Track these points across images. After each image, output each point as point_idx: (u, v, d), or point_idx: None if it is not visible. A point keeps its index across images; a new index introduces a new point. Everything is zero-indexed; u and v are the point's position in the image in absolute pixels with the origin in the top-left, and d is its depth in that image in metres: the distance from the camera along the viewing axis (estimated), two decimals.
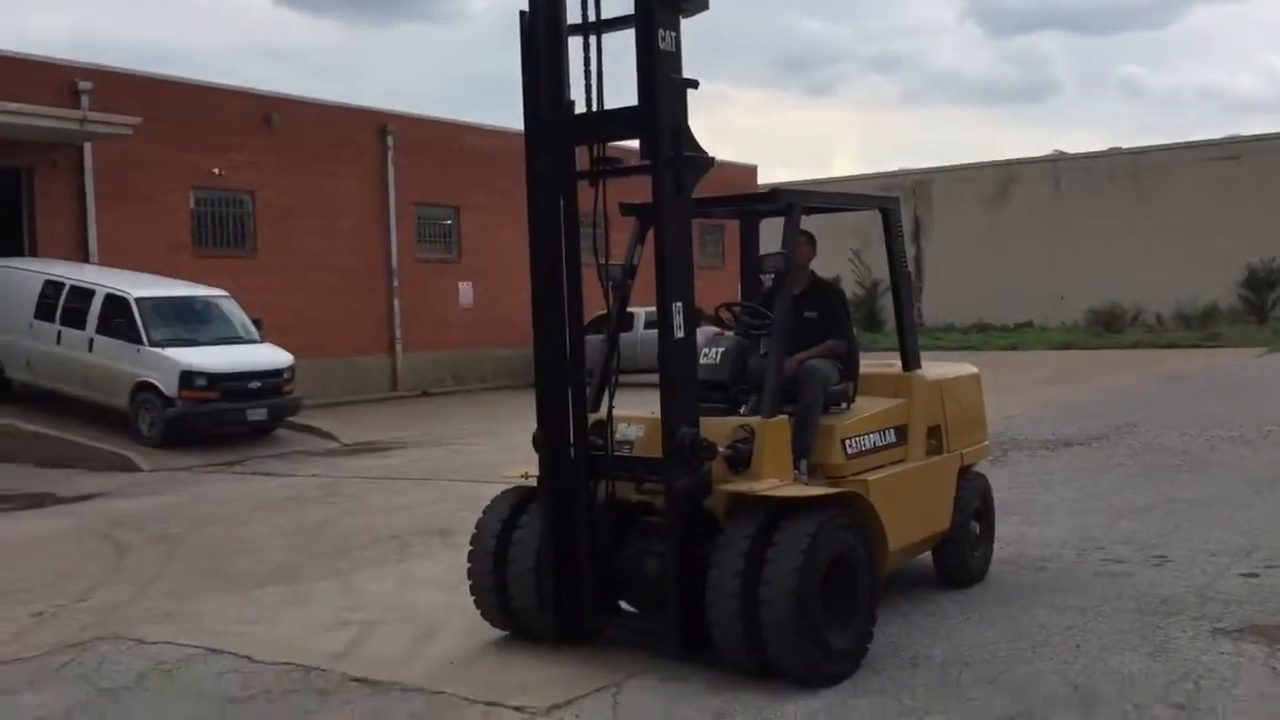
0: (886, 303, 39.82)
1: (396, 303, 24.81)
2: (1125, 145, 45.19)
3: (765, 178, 38.31)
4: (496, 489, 6.49)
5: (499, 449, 14.79)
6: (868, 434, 6.28)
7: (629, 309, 6.98)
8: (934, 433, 6.79)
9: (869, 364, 6.88)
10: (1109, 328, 39.02)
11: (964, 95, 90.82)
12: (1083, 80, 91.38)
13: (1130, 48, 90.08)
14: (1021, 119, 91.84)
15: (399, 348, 24.91)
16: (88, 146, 19.14)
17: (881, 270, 40.53)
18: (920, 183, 46.85)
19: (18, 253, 18.45)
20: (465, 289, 26.48)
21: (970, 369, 7.60)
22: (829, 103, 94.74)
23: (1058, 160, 45.44)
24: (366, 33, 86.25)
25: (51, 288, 16.48)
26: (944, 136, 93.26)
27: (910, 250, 41.56)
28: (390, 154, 24.64)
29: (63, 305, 16.26)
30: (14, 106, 16.95)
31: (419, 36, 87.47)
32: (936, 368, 7.28)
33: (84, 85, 19.20)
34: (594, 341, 5.87)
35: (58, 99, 18.63)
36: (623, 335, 6.64)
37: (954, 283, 43.77)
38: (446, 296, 26.07)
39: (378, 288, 24.53)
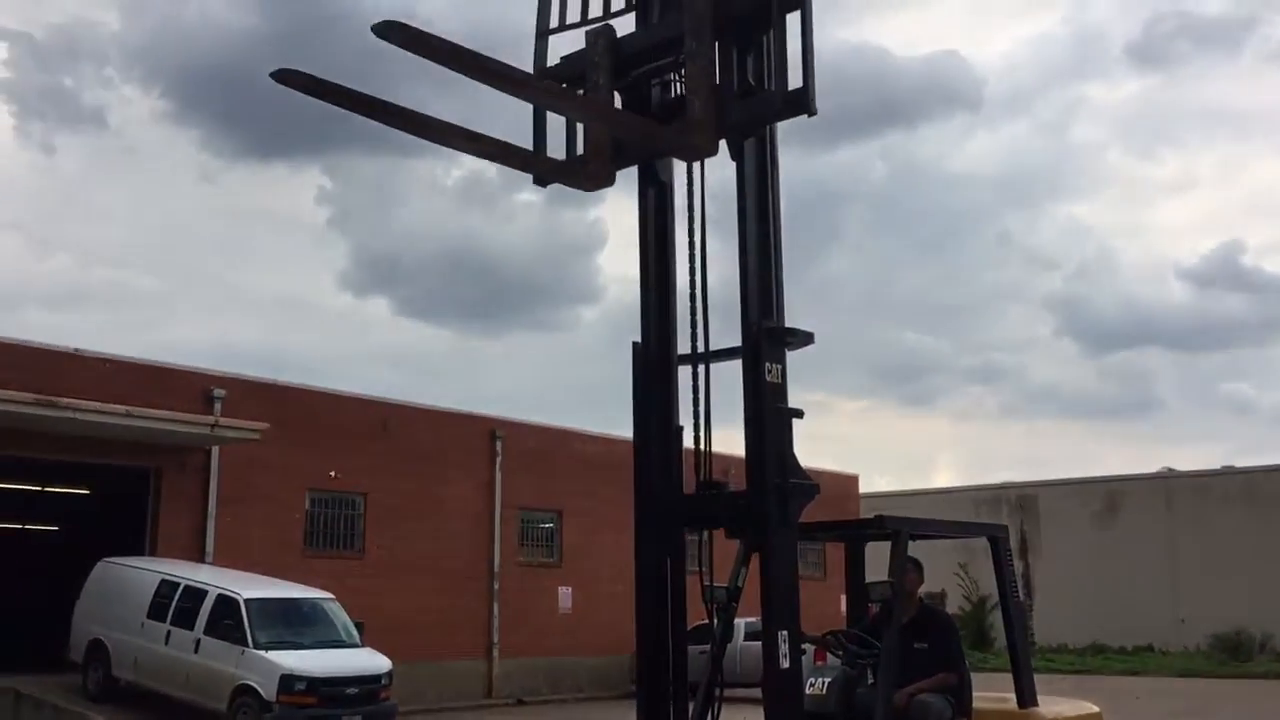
0: (996, 619, 38.46)
1: (496, 606, 24.78)
2: (1239, 464, 44.25)
3: (866, 486, 38.22)
4: None
5: None
6: None
7: None
8: None
9: (982, 696, 6.65)
10: (1235, 655, 36.86)
11: (1065, 409, 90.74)
12: (1187, 396, 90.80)
13: (1233, 365, 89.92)
14: (1125, 434, 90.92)
15: (496, 653, 24.65)
16: (215, 450, 20.12)
17: (989, 585, 39.48)
18: (1025, 496, 46.11)
19: (138, 551, 19.10)
20: (565, 594, 26.39)
21: (1092, 708, 7.27)
22: (928, 413, 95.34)
23: (1168, 477, 44.53)
24: (480, 341, 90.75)
25: (167, 587, 16.88)
26: (1047, 449, 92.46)
27: (1018, 566, 40.38)
28: (499, 459, 25.31)
29: (175, 605, 16.58)
30: (152, 412, 18.05)
31: (530, 344, 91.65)
32: (1055, 705, 6.99)
33: (218, 392, 20.39)
34: (693, 652, 5.81)
35: (192, 405, 19.78)
36: None
37: (1065, 601, 42.13)
38: (546, 601, 25.97)
39: (478, 590, 24.60)
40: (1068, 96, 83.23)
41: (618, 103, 6.05)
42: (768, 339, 5.74)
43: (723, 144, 5.71)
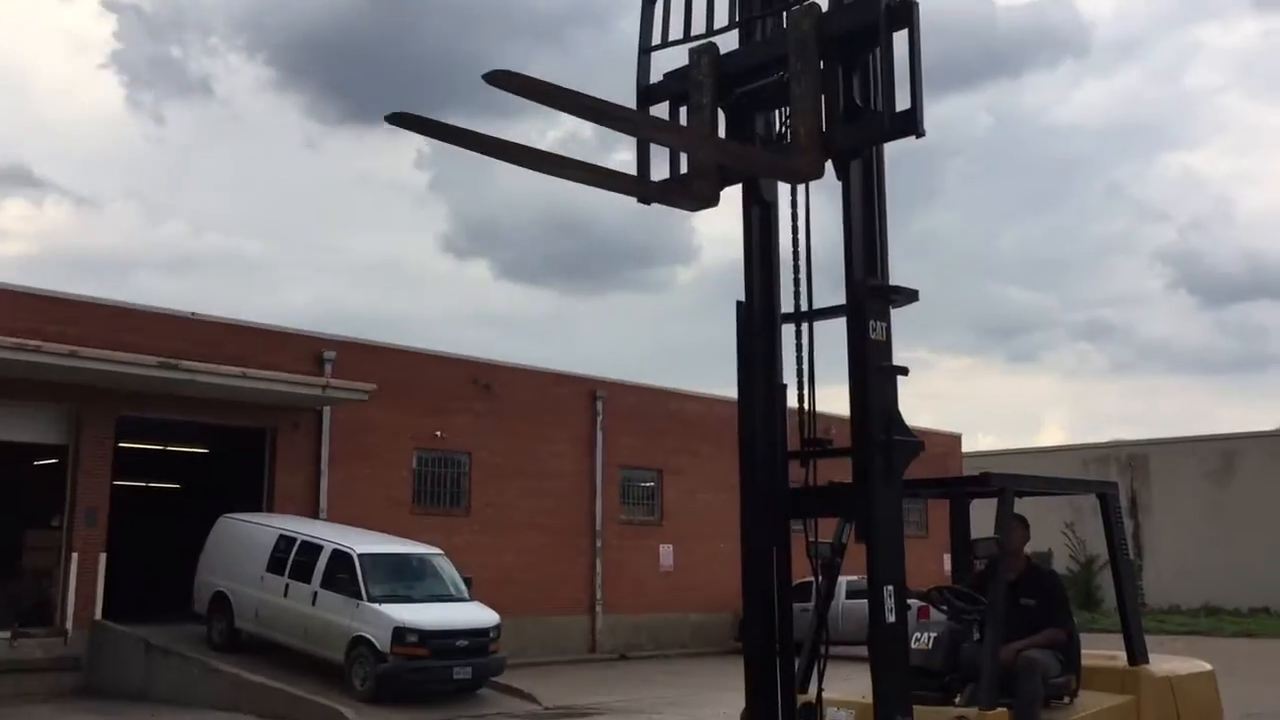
0: (1103, 580, 37.86)
1: (599, 564, 25.15)
2: None
3: (969, 446, 37.75)
4: None
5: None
6: None
7: None
8: None
9: (1090, 654, 6.62)
10: None
11: (1177, 365, 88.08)
12: None
13: None
14: (1241, 390, 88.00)
15: (599, 609, 25.06)
16: (327, 409, 20.72)
17: (1096, 545, 38.75)
18: (1136, 455, 45.04)
19: (257, 507, 19.82)
20: (666, 551, 26.66)
21: (1204, 665, 7.17)
22: (1034, 370, 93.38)
23: None
24: (579, 301, 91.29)
25: (284, 542, 17.50)
26: (1158, 407, 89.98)
27: (1128, 526, 39.59)
28: (599, 418, 25.59)
29: (293, 559, 17.19)
30: (269, 374, 18.67)
31: (629, 305, 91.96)
32: (1166, 662, 6.92)
33: (328, 354, 20.98)
34: (796, 610, 5.87)
35: (304, 367, 20.40)
36: None
37: (1177, 562, 41.18)
38: (647, 559, 26.28)
39: (581, 548, 24.99)
40: (1181, 40, 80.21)
41: (722, 121, 6.01)
42: (871, 297, 5.73)
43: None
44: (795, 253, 5.97)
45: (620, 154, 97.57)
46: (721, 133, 5.96)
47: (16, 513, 18.79)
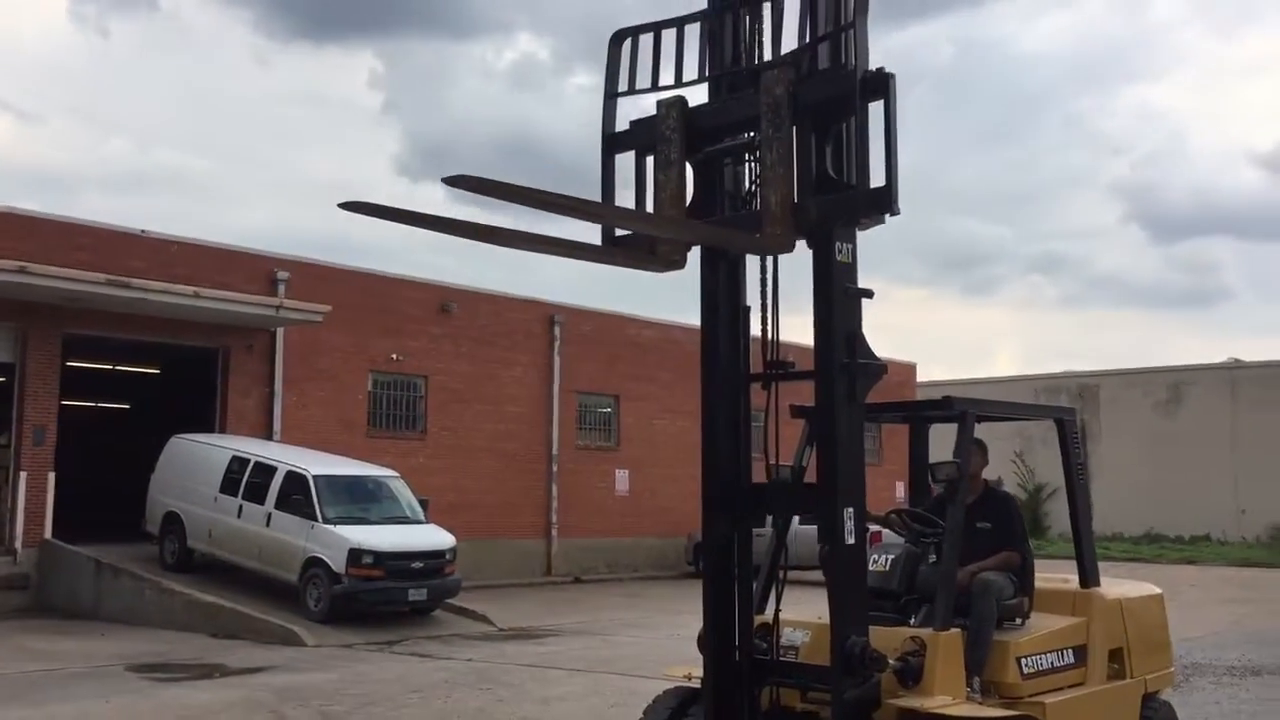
0: (1050, 508, 38.61)
1: (555, 488, 25.21)
2: None
3: (922, 376, 38.07)
4: (649, 685, 6.46)
5: (651, 642, 14.72)
6: (1044, 653, 6.07)
7: None
8: (1115, 655, 6.51)
9: (1043, 577, 6.70)
10: None
11: (1129, 299, 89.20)
12: (1256, 286, 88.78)
13: None
14: (1191, 324, 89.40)
15: (554, 532, 25.17)
16: (280, 330, 20.44)
17: (1044, 474, 39.49)
18: (1086, 386, 45.73)
19: (208, 428, 19.60)
20: (622, 476, 26.79)
21: (1153, 588, 7.30)
22: (987, 302, 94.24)
23: (1234, 368, 43.86)
24: (535, 226, 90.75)
25: (238, 463, 17.35)
26: (1108, 340, 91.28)
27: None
28: (557, 344, 25.49)
29: (247, 480, 17.07)
30: (219, 294, 18.35)
31: (587, 232, 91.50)
32: (1117, 586, 7.03)
33: (281, 275, 20.64)
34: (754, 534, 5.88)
35: (257, 287, 20.07)
36: None
37: (1122, 490, 42.03)
38: (604, 483, 26.39)
39: (538, 472, 25.03)
40: None
41: (689, 176, 5.86)
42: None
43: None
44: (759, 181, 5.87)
45: (578, 77, 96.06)
46: (689, 187, 5.83)
47: None
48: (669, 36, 5.98)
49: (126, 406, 26.63)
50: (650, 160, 5.90)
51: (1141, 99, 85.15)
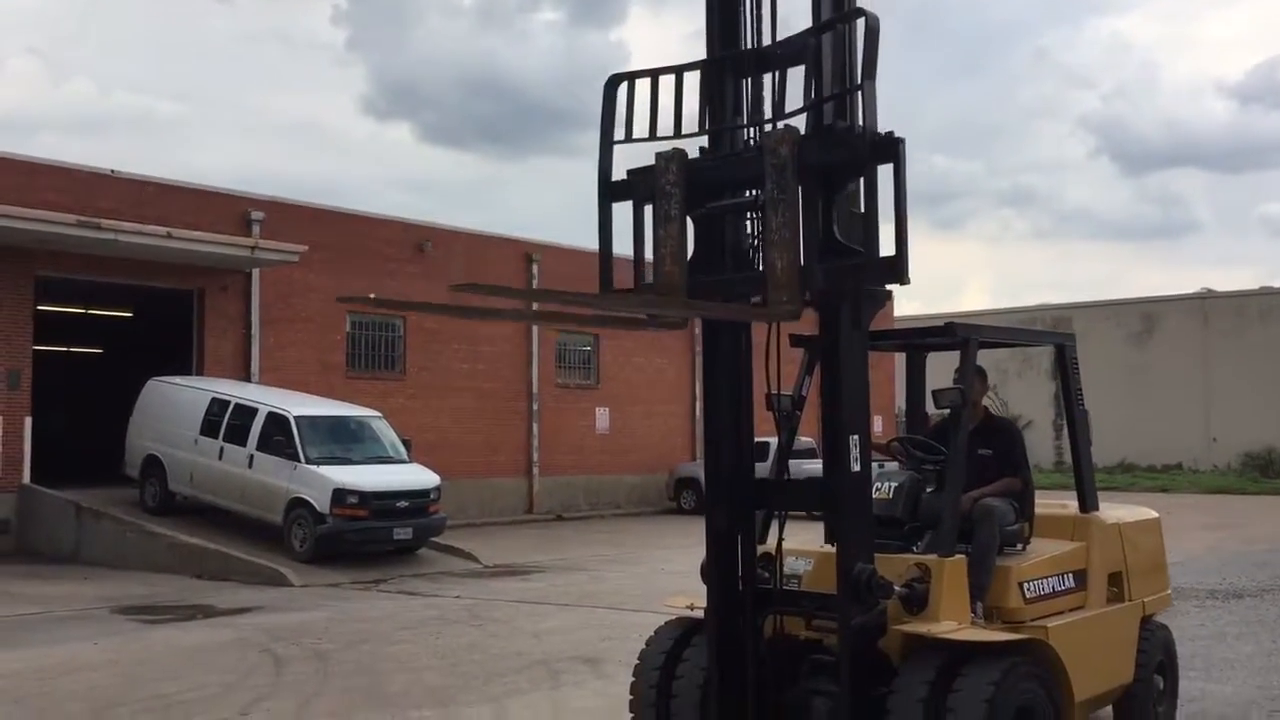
0: (1027, 439, 38.94)
1: (535, 427, 25.18)
2: (1277, 284, 43.79)
3: (897, 311, 38.13)
4: (639, 618, 6.46)
5: (637, 577, 14.82)
6: (1046, 577, 6.08)
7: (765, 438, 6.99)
8: (1114, 579, 6.54)
9: (1042, 503, 6.70)
10: (1265, 472, 37.26)
11: (1099, 231, 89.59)
12: (1224, 218, 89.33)
13: (1274, 186, 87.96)
14: (1160, 256, 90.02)
15: (536, 471, 25.19)
16: (256, 271, 20.16)
17: (1018, 406, 39.78)
18: (1059, 318, 45.90)
19: (186, 371, 19.41)
20: (602, 414, 26.79)
21: (1150, 512, 7.35)
22: (958, 236, 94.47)
23: (1206, 298, 44.18)
24: (504, 165, 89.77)
25: (218, 405, 17.19)
26: (1081, 273, 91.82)
27: (1049, 387, 40.64)
28: (535, 282, 25.31)
29: (227, 422, 16.92)
30: (195, 234, 18.06)
31: (557, 169, 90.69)
32: (1115, 510, 7.06)
33: (256, 215, 20.33)
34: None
35: (231, 227, 19.76)
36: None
37: (1096, 420, 41.88)
38: (584, 422, 26.38)
39: (518, 411, 24.98)
40: None
41: (690, 230, 5.60)
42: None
43: None
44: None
45: (544, 13, 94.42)
46: (690, 241, 5.60)
47: None
48: (667, 83, 5.76)
49: (100, 351, 26.32)
50: (649, 210, 5.68)
51: (1111, 30, 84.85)
